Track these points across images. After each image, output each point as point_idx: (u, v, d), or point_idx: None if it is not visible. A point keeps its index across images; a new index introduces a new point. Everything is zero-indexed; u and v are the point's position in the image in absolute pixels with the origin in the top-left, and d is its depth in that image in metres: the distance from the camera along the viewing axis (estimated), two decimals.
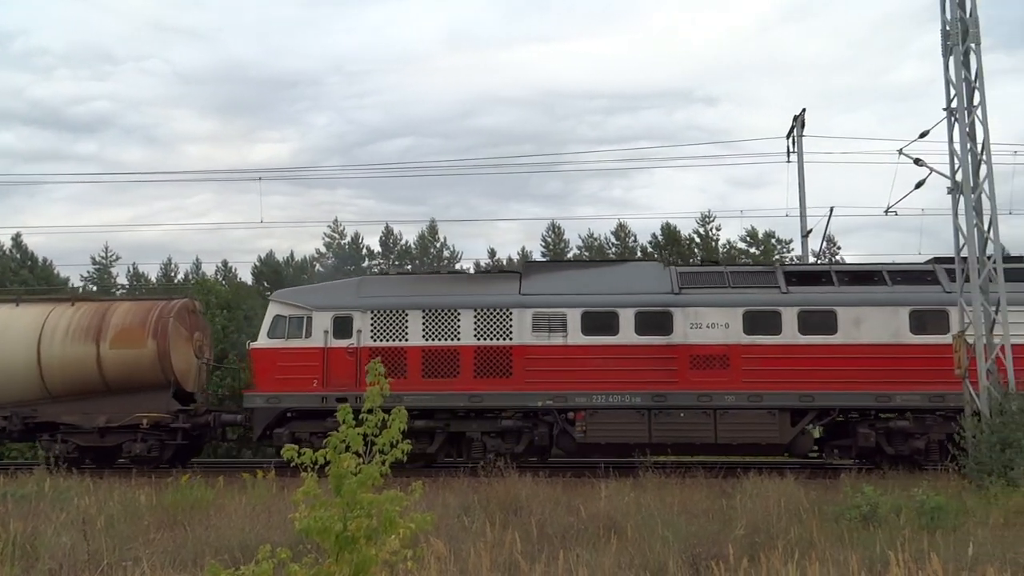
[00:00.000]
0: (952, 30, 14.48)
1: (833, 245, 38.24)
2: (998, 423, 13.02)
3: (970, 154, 14.35)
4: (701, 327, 16.62)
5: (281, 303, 17.63)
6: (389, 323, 17.10)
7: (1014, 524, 9.33)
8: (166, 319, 17.85)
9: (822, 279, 17.29)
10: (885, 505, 10.00)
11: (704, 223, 40.68)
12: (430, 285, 18.15)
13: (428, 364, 16.85)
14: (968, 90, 14.44)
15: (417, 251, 43.12)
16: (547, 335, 16.77)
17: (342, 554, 4.38)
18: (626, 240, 41.83)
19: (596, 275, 17.98)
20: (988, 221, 14.36)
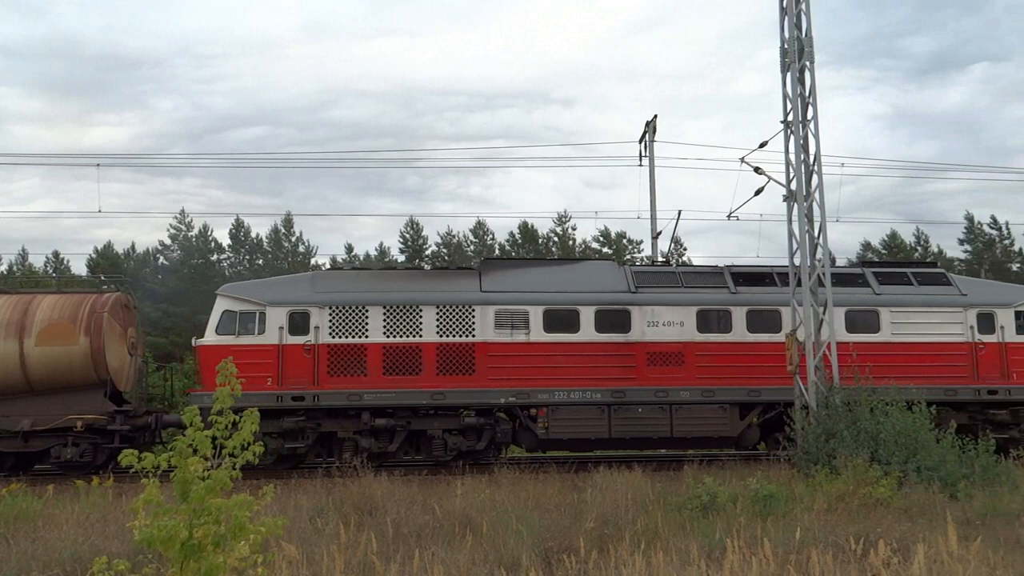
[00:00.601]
0: (790, 48, 15.47)
1: (680, 246, 40.15)
2: (824, 415, 14.04)
3: (803, 165, 15.40)
4: (657, 325, 17.09)
5: (230, 298, 16.73)
6: (349, 319, 16.61)
7: (836, 509, 10.09)
8: (100, 314, 16.65)
9: (766, 280, 18.03)
10: (723, 495, 10.58)
11: (561, 222, 41.63)
12: (390, 281, 17.71)
13: (389, 361, 16.50)
14: (803, 105, 15.48)
15: (271, 245, 41.70)
16: (509, 332, 16.79)
17: (187, 563, 4.19)
18: (484, 238, 42.16)
19: (556, 273, 18.19)
20: (818, 228, 15.45)
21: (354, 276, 18.22)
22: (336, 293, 16.82)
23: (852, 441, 12.74)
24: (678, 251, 39.53)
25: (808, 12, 15.36)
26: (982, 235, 41.61)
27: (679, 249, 39.64)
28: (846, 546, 7.09)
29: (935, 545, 6.54)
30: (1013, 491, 11.35)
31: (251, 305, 16.56)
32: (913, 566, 5.25)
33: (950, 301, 18.01)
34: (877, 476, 11.22)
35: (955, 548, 5.58)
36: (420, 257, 40.99)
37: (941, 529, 8.01)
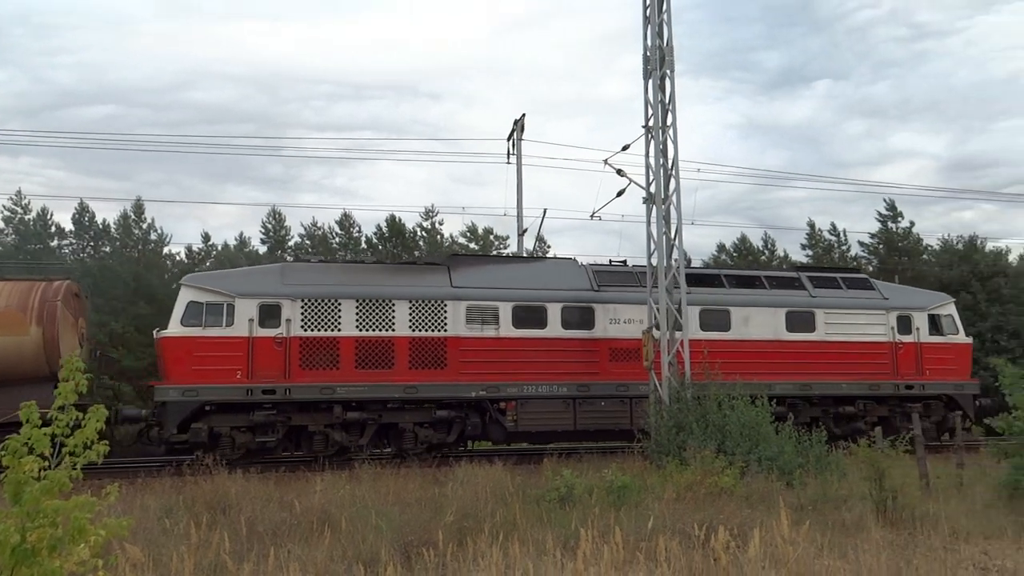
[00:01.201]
0: (652, 56, 16.10)
1: (544, 244, 40.88)
2: (675, 409, 14.72)
3: (663, 169, 16.07)
4: (619, 322, 17.90)
5: (196, 288, 16.22)
6: (321, 312, 16.48)
7: (684, 498, 10.61)
8: (53, 303, 15.73)
9: (715, 281, 19.18)
10: (580, 486, 10.91)
11: (428, 217, 41.48)
12: (362, 275, 17.64)
13: (362, 355, 16.50)
14: (663, 111, 16.15)
15: (119, 232, 39.36)
16: (480, 327, 17.12)
17: (18, 569, 3.94)
18: (351, 230, 41.46)
19: (523, 271, 18.68)
20: (675, 230, 16.17)
21: (325, 269, 18.02)
22: (308, 286, 16.65)
23: (701, 433, 13.43)
24: (542, 249, 40.27)
25: (669, 23, 16.04)
26: (822, 241, 44.53)
27: (543, 247, 40.36)
28: (691, 532, 7.48)
29: (771, 529, 7.02)
30: (842, 479, 12.28)
31: (219, 296, 16.13)
32: (749, 549, 5.62)
33: (874, 304, 19.94)
34: (723, 466, 11.88)
35: (787, 532, 6.00)
36: (283, 248, 39.83)
37: (777, 515, 8.59)
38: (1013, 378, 11.72)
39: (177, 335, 15.86)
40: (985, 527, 9.15)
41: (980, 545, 8.25)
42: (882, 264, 41.26)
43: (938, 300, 21.16)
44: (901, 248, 43.01)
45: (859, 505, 10.24)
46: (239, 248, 38.18)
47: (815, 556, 6.97)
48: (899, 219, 43.41)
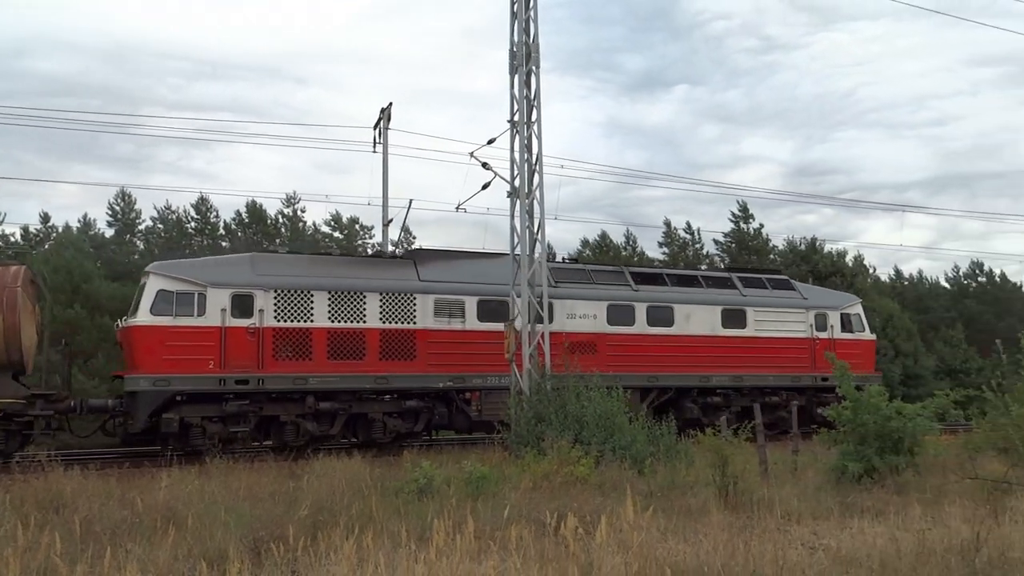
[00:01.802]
0: (518, 52, 16.27)
1: (410, 235, 40.63)
2: (535, 400, 14.99)
3: (527, 164, 16.29)
4: (575, 317, 18.85)
5: (165, 276, 16.00)
6: (293, 303, 16.60)
7: (540, 487, 10.83)
8: (13, 289, 15.08)
9: (659, 280, 20.57)
10: (439, 478, 10.93)
11: (290, 204, 40.34)
12: (333, 267, 18.03)
13: (334, 346, 16.74)
14: (528, 107, 16.36)
15: None
16: (447, 320, 17.70)
17: None
18: (207, 215, 39.74)
19: (487, 266, 18.99)
20: (538, 224, 16.42)
21: (295, 260, 18.29)
22: (281, 277, 16.72)
23: (559, 424, 13.73)
24: (408, 240, 40.02)
25: (536, 20, 16.26)
26: (677, 239, 46.50)
27: (409, 238, 40.10)
28: (545, 521, 7.65)
29: (620, 516, 7.28)
30: (689, 466, 12.88)
31: (189, 285, 15.99)
32: (596, 536, 5.80)
33: (795, 304, 21.93)
34: (578, 456, 12.19)
35: (632, 518, 6.23)
36: (132, 232, 37.69)
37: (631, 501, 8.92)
38: (841, 370, 12.63)
39: (147, 324, 15.60)
40: (815, 509, 9.81)
41: (810, 525, 8.84)
42: (733, 262, 43.50)
43: (848, 300, 23.38)
44: (751, 247, 45.51)
45: (704, 491, 10.76)
46: (83, 231, 35.83)
47: (660, 540, 7.28)
48: (750, 220, 45.94)
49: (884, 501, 10.30)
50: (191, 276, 16.19)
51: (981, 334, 43.02)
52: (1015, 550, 6.52)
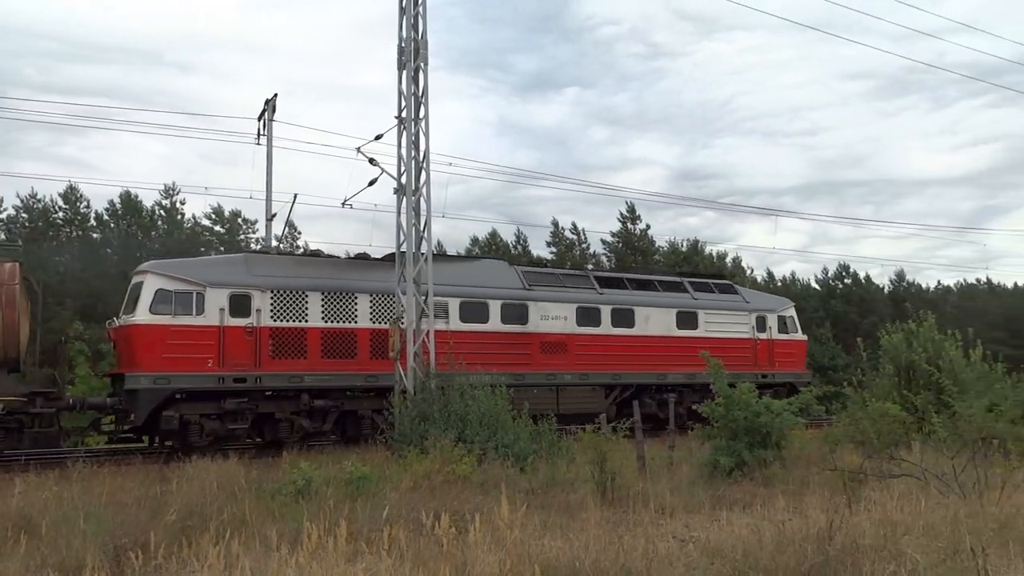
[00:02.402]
0: (406, 47, 16.11)
1: (295, 231, 39.68)
2: (419, 399, 14.88)
3: (413, 160, 16.15)
4: (548, 319, 19.85)
5: (163, 276, 16.12)
6: (289, 303, 16.95)
7: (421, 487, 10.76)
8: (12, 286, 15.00)
9: (621, 283, 21.84)
10: (319, 478, 10.70)
11: (168, 195, 38.70)
12: (325, 268, 18.44)
13: (328, 345, 17.15)
14: (416, 104, 16.22)
15: None
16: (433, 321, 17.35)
17: None
18: (77, 205, 37.64)
19: (466, 269, 20.09)
20: (424, 221, 16.31)
21: (289, 261, 18.71)
22: (276, 277, 16.99)
23: (443, 422, 13.68)
24: (292, 236, 39.05)
25: (424, 16, 16.13)
26: (565, 239, 47.30)
27: (294, 234, 39.16)
28: (423, 520, 7.59)
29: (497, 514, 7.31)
30: (571, 463, 13.07)
31: (188, 285, 16.15)
32: (470, 534, 5.80)
33: (739, 306, 23.46)
34: (461, 455, 12.18)
35: (506, 515, 6.26)
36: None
37: (511, 499, 8.97)
38: (715, 368, 13.11)
39: (147, 322, 15.71)
40: (688, 502, 10.14)
41: (682, 519, 9.12)
42: (620, 262, 44.54)
43: (784, 304, 25.19)
44: (637, 248, 46.74)
45: (584, 487, 10.94)
46: None
47: (537, 537, 7.35)
48: (637, 221, 47.18)
49: (752, 493, 10.74)
50: (190, 276, 16.34)
51: (847, 332, 45.70)
52: (865, 537, 6.90)
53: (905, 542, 6.64)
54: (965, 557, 5.84)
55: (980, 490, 9.49)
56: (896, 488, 10.18)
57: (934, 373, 15.77)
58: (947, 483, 9.81)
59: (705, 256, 46.95)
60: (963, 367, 16.40)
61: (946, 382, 14.99)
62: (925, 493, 9.60)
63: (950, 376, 15.59)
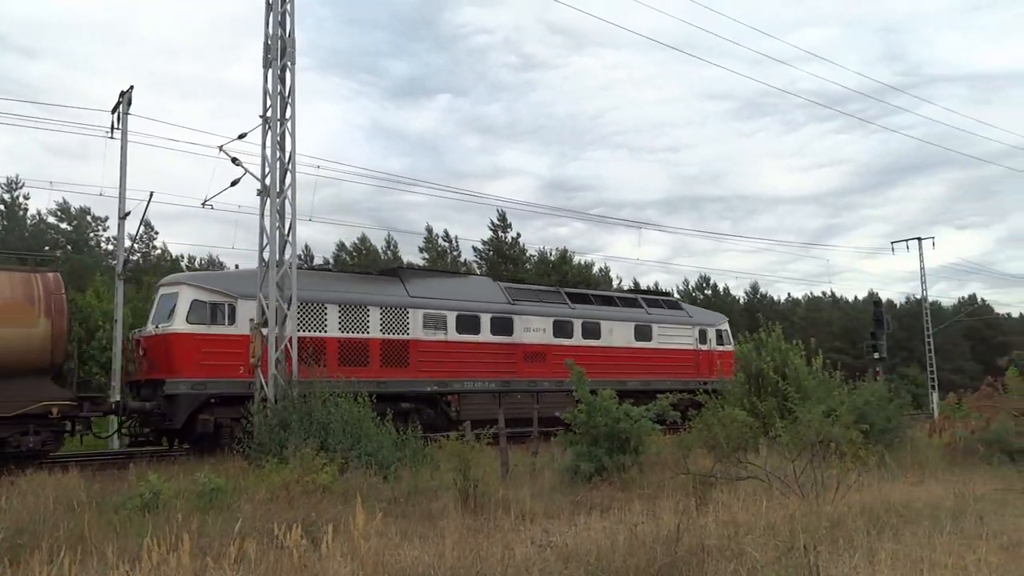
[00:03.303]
0: (273, 45, 15.66)
1: (151, 230, 37.81)
2: (280, 407, 14.43)
3: (279, 161, 15.70)
4: (530, 331, 21.82)
5: (197, 287, 17.30)
6: (310, 315, 18.18)
7: (277, 498, 10.42)
8: (59, 295, 15.76)
9: (588, 299, 24.37)
10: (168, 491, 10.19)
11: (10, 189, 36.02)
12: (339, 282, 20.05)
13: (344, 354, 18.47)
14: (282, 103, 15.79)
15: None
16: (433, 332, 19.93)
17: None
18: None
19: (459, 284, 22.39)
20: (289, 225, 15.87)
21: (308, 275, 19.65)
22: (299, 290, 16.86)
23: (304, 431, 13.32)
24: (150, 235, 37.19)
25: (292, 14, 15.75)
26: (437, 245, 47.25)
27: (151, 234, 37.30)
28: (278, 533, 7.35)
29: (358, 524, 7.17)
30: (435, 471, 13.02)
31: (220, 296, 17.29)
32: (322, 545, 5.67)
33: (685, 321, 26.07)
34: (322, 464, 11.88)
35: (362, 525, 6.17)
36: None
37: (370, 508, 8.82)
38: (578, 376, 13.41)
39: (185, 331, 16.71)
40: (548, 507, 10.30)
41: (542, 524, 9.23)
42: (492, 270, 44.86)
43: (721, 319, 28.15)
44: (508, 256, 47.21)
45: (447, 495, 10.93)
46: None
47: (397, 546, 7.27)
48: (508, 229, 47.66)
49: (610, 497, 11.03)
50: (222, 288, 17.48)
51: None
52: (711, 537, 7.23)
53: (747, 541, 6.99)
54: (799, 554, 6.20)
55: (817, 490, 10.12)
56: (743, 490, 10.72)
57: (779, 381, 16.73)
58: (788, 484, 10.41)
59: (574, 265, 47.94)
60: (806, 375, 17.48)
61: (789, 389, 15.94)
62: (768, 494, 10.15)
63: (794, 383, 16.60)
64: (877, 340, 37.30)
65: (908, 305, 60.14)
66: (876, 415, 15.95)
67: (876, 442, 14.42)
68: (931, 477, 13.09)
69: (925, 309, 47.81)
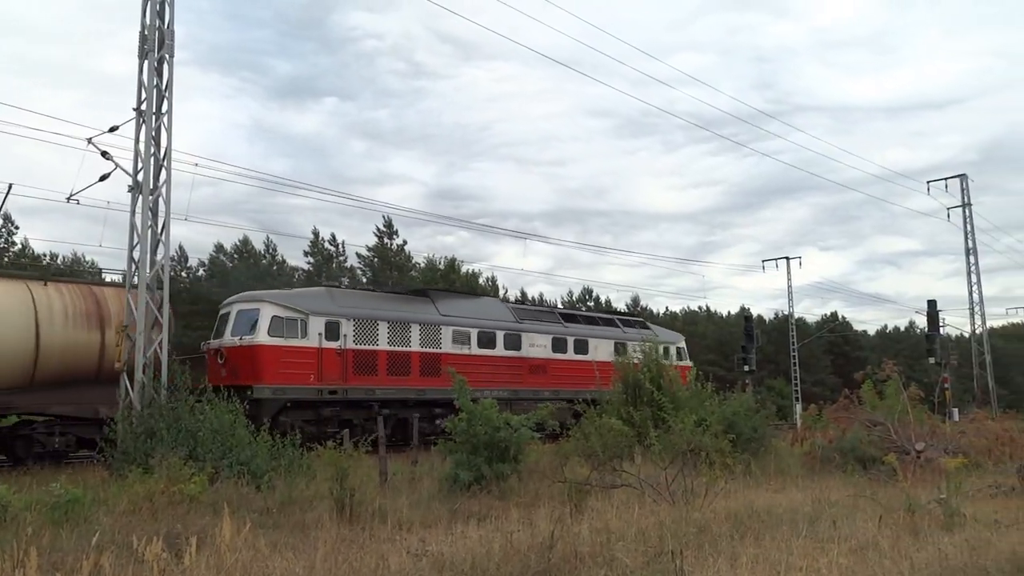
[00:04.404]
0: (150, 36, 15.00)
1: (11, 224, 35.53)
2: (147, 415, 13.74)
3: (153, 157, 15.02)
4: (534, 347, 24.79)
5: (275, 305, 19.47)
6: (366, 330, 20.77)
7: (140, 509, 9.91)
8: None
9: (576, 319, 27.88)
10: (19, 502, 9.56)
11: None
12: (388, 302, 22.57)
13: (392, 365, 21.13)
14: (159, 97, 15.13)
15: None
16: (460, 347, 22.90)
17: None
18: None
19: (475, 304, 25.25)
20: (162, 224, 15.20)
21: (360, 295, 23.03)
22: (356, 308, 20.96)
23: (171, 440, 12.74)
24: (9, 230, 34.86)
25: (172, 4, 15.15)
26: (323, 250, 46.28)
27: (10, 228, 34.95)
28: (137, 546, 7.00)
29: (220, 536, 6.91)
30: (311, 480, 12.71)
31: (294, 312, 19.62)
32: (185, 558, 5.44)
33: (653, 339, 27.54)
34: (190, 473, 11.40)
35: (229, 536, 5.95)
36: None
37: (240, 519, 8.52)
38: (460, 384, 13.42)
39: (268, 343, 18.96)
40: (426, 517, 10.23)
41: (419, 533, 9.16)
42: (376, 276, 44.34)
43: (680, 338, 31.95)
44: (394, 263, 46.75)
45: (323, 504, 10.68)
46: None
47: (264, 558, 7.05)
48: (395, 236, 47.19)
49: (489, 506, 11.06)
50: (295, 305, 19.84)
51: None
52: (585, 545, 7.36)
53: (618, 547, 7.16)
54: (667, 559, 6.40)
55: (687, 497, 10.48)
56: (617, 497, 10.97)
57: (654, 391, 17.26)
58: (660, 491, 10.73)
59: (462, 274, 47.99)
60: (680, 386, 18.10)
61: (664, 399, 16.46)
62: (641, 501, 10.44)
63: (668, 394, 17.15)
64: (747, 353, 39.24)
65: (776, 321, 63.18)
66: (744, 425, 16.70)
67: (743, 451, 15.09)
68: (792, 484, 13.78)
69: (791, 325, 50.47)
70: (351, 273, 46.01)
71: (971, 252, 43.68)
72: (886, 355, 27.52)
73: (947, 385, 36.26)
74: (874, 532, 8.44)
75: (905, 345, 69.00)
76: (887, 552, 7.38)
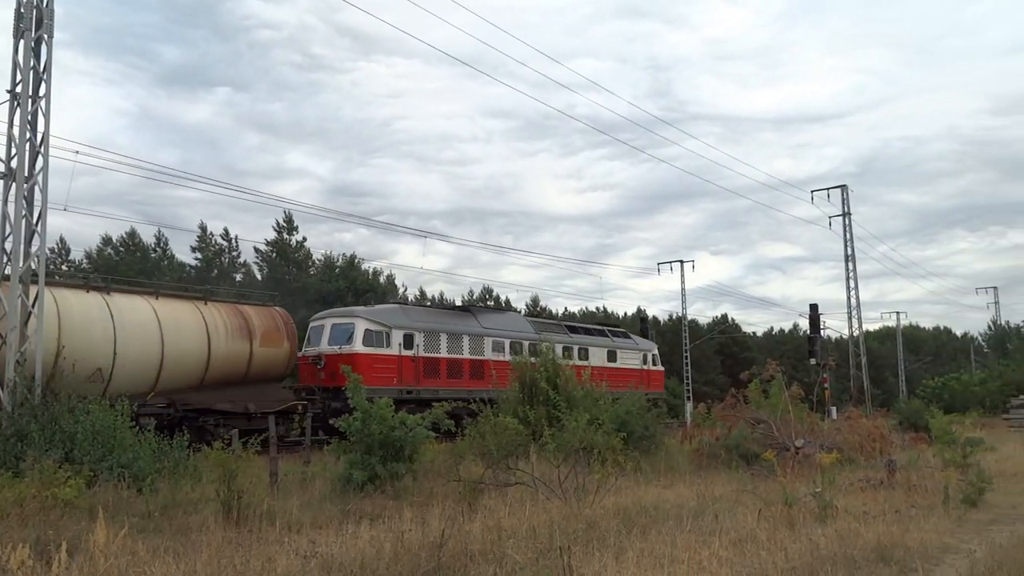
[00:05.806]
0: (27, 14, 14.19)
1: None
2: (18, 416, 12.97)
3: (28, 143, 14.21)
4: None
5: (367, 320, 23.84)
6: (432, 341, 25.29)
7: (7, 516, 9.33)
8: (292, 325, 23.24)
9: (579, 331, 32.53)
10: None
11: None
12: (443, 317, 27.28)
13: (449, 370, 25.50)
14: (36, 78, 14.33)
15: None
16: (497, 354, 26.80)
17: None
18: None
19: (504, 318, 30.06)
20: (38, 214, 14.40)
21: (423, 311, 27.57)
22: (423, 322, 25.30)
23: (44, 442, 12.07)
24: None
25: None
26: (214, 244, 44.75)
27: None
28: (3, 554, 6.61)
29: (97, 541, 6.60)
30: (197, 483, 12.29)
31: (381, 327, 23.86)
32: (54, 565, 5.17)
33: (634, 347, 34.52)
34: (66, 476, 10.83)
35: (103, 542, 5.70)
36: None
37: (119, 524, 8.16)
38: (354, 383, 13.24)
39: (364, 352, 22.87)
40: (317, 518, 10.06)
41: (309, 534, 8.99)
42: (273, 273, 43.20)
43: (654, 346, 36.82)
44: (293, 259, 45.65)
45: (209, 507, 10.35)
46: None
47: (143, 563, 6.77)
48: (294, 232, 46.06)
49: (382, 506, 10.97)
50: (381, 320, 23.91)
51: None
52: (476, 543, 7.40)
53: (509, 545, 7.23)
54: (555, 555, 6.49)
55: (579, 494, 10.67)
56: (511, 495, 11.07)
57: (549, 391, 17.49)
58: (553, 489, 10.89)
59: (362, 272, 47.28)
60: (575, 386, 18.40)
61: (559, 399, 16.70)
62: (534, 499, 10.56)
63: (564, 394, 17.41)
64: None
65: (671, 322, 64.89)
66: (636, 423, 17.12)
67: (634, 448, 15.47)
68: (680, 480, 14.22)
69: (684, 326, 52.09)
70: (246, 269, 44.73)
71: (850, 259, 46.11)
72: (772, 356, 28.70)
73: (826, 385, 38.22)
74: (753, 525, 8.81)
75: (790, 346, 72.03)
76: (764, 543, 7.71)
